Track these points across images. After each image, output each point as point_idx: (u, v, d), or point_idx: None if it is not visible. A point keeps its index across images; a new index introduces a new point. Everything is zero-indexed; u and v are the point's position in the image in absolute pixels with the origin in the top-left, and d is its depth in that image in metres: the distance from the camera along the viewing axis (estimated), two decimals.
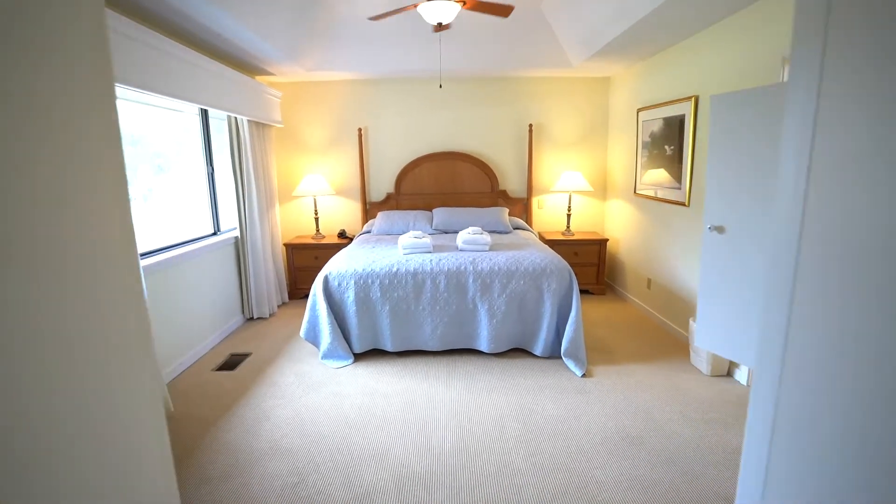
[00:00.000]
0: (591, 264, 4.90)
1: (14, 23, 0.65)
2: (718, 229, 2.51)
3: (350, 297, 3.35)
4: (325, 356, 3.38)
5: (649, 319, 4.21)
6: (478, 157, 5.17)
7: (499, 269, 3.35)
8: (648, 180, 4.19)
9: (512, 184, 5.28)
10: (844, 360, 0.78)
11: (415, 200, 5.17)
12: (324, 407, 2.79)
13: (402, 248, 3.67)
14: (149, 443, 0.89)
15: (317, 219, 5.03)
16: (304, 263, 4.87)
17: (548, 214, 5.34)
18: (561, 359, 3.35)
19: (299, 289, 4.93)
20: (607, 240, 4.87)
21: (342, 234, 5.04)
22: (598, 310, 4.48)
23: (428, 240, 3.72)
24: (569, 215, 5.05)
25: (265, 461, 2.29)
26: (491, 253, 3.60)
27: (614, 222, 5.10)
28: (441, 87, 5.02)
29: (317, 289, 3.39)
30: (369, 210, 5.20)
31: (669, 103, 3.76)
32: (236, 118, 4.02)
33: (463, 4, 2.88)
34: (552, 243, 4.80)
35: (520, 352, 3.51)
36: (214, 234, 4.04)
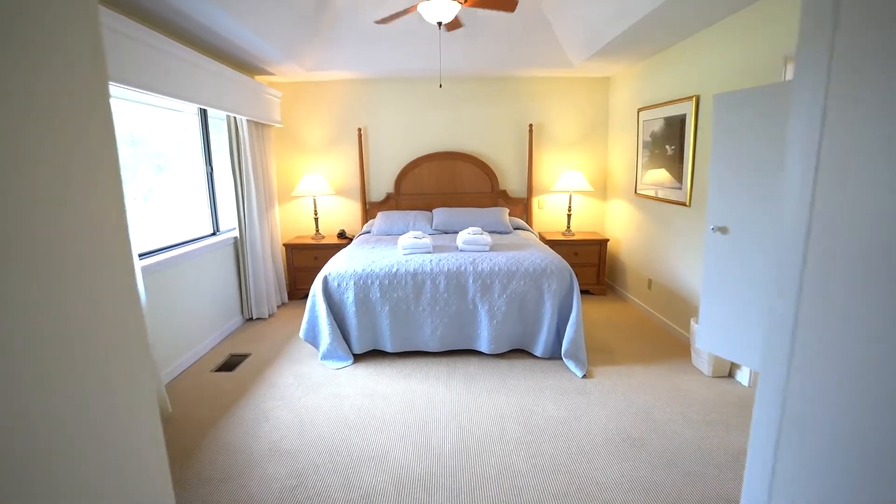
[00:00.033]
0: (591, 264, 4.89)
1: (14, 23, 0.65)
2: (721, 230, 2.50)
3: (350, 297, 3.34)
4: (325, 357, 3.37)
5: (650, 320, 4.20)
6: (478, 157, 5.16)
7: (499, 270, 3.35)
8: (649, 180, 4.19)
9: (512, 184, 5.27)
10: (853, 362, 0.78)
11: (415, 200, 5.17)
12: (323, 408, 2.78)
13: (402, 249, 3.66)
14: (147, 443, 0.89)
15: (316, 219, 5.02)
16: (304, 264, 4.86)
17: (548, 214, 5.34)
18: (561, 359, 3.34)
19: (299, 289, 4.93)
20: (608, 240, 4.87)
21: (342, 235, 5.03)
22: (599, 310, 4.47)
23: (428, 240, 3.71)
24: (569, 215, 5.04)
25: (264, 463, 2.28)
26: (491, 253, 3.59)
27: (615, 222, 5.10)
28: (441, 86, 5.01)
29: (316, 289, 3.38)
30: (369, 210, 5.19)
31: (670, 103, 3.76)
32: (235, 118, 4.01)
33: (464, 2, 2.87)
34: (552, 243, 4.79)
35: (520, 352, 3.50)
36: (214, 234, 4.03)
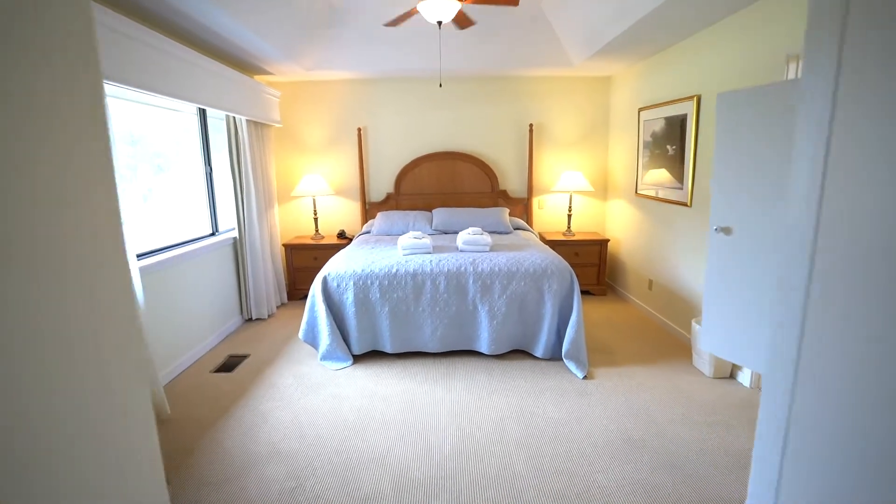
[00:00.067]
0: (591, 265, 4.88)
1: (14, 23, 0.65)
2: (725, 230, 2.47)
3: (349, 298, 3.33)
4: (324, 358, 3.36)
5: (651, 320, 4.20)
6: (478, 156, 5.16)
7: (499, 270, 3.34)
8: (650, 180, 4.18)
9: (512, 184, 5.27)
10: (862, 364, 0.77)
11: (414, 200, 5.16)
12: (322, 409, 2.77)
13: (402, 249, 3.65)
14: (144, 442, 0.89)
15: (316, 219, 5.00)
16: (303, 264, 4.85)
17: (548, 215, 5.33)
18: (562, 360, 3.33)
19: (298, 289, 4.91)
20: (608, 240, 4.86)
21: (341, 235, 5.02)
22: (599, 311, 4.47)
23: (428, 240, 3.70)
24: (569, 215, 5.03)
25: (263, 465, 2.27)
26: (491, 254, 3.58)
27: (615, 223, 5.10)
28: (441, 86, 5.00)
29: (315, 290, 3.37)
30: (369, 210, 5.18)
31: (671, 103, 3.75)
32: (234, 118, 4.00)
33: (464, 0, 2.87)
34: (553, 244, 4.79)
35: (520, 353, 3.49)
36: (213, 234, 4.02)
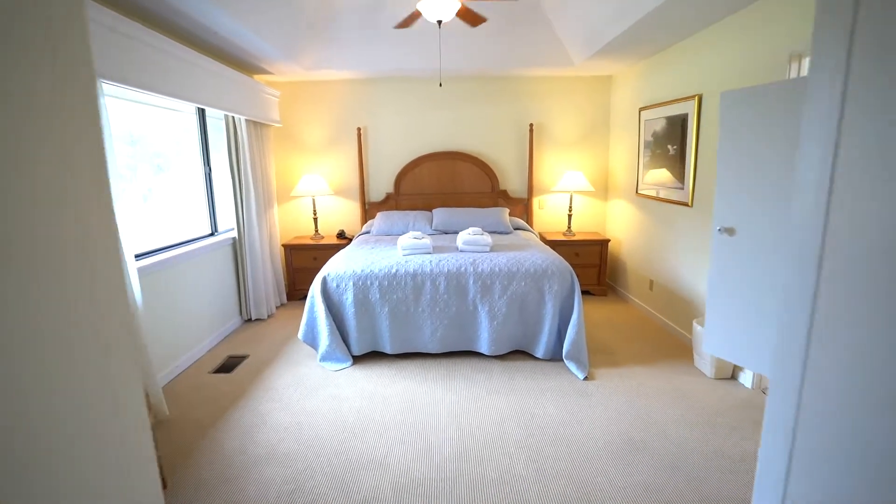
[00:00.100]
0: (592, 265, 4.88)
1: (14, 23, 0.64)
2: (728, 231, 2.45)
3: (349, 298, 3.32)
4: (324, 358, 3.35)
5: (651, 321, 4.19)
6: (478, 156, 5.15)
7: (499, 271, 3.33)
8: (651, 180, 4.18)
9: (512, 184, 5.26)
10: (872, 367, 0.76)
11: (414, 201, 5.15)
12: (321, 411, 2.76)
13: (402, 249, 3.64)
14: (140, 442, 0.90)
15: (315, 219, 4.99)
16: (303, 264, 4.84)
17: (549, 215, 5.33)
18: (562, 361, 3.32)
19: (298, 290, 4.90)
20: (609, 240, 4.85)
21: (341, 235, 5.00)
22: (600, 311, 4.46)
23: (428, 240, 3.69)
24: (570, 216, 5.03)
25: (261, 466, 2.26)
26: (491, 254, 3.57)
27: (616, 223, 5.09)
28: (441, 86, 5.00)
29: (315, 290, 3.36)
30: (368, 210, 5.17)
31: (672, 102, 3.75)
32: (234, 117, 3.98)
33: None
34: (553, 244, 4.78)
35: (521, 354, 3.48)
36: (212, 234, 4.01)
